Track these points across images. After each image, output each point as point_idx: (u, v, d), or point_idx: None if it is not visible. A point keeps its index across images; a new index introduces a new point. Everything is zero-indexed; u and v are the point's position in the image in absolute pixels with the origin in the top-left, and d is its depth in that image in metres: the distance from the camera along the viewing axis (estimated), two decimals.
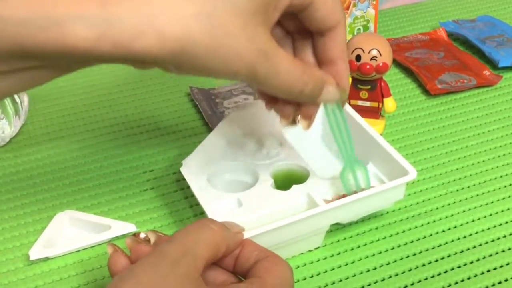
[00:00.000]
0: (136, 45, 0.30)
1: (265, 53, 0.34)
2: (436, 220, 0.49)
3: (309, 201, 0.46)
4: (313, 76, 0.38)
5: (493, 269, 0.45)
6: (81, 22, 0.29)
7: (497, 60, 0.67)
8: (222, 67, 0.33)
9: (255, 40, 0.33)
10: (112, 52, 0.30)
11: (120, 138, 0.58)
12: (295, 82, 0.37)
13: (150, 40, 0.30)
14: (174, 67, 0.33)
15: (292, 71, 0.36)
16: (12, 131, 0.57)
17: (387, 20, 0.77)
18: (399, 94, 0.64)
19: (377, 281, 0.44)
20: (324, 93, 0.39)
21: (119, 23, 0.30)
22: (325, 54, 0.40)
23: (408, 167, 0.45)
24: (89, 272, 0.45)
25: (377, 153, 0.48)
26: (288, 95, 0.38)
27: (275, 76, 0.35)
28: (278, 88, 0.37)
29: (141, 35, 0.30)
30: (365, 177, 0.46)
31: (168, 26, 0.30)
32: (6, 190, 0.53)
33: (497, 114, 0.61)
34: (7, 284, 0.44)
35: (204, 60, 0.32)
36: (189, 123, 0.60)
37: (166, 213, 0.50)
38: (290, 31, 0.41)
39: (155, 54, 0.31)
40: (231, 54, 0.33)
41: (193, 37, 0.31)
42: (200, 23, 0.31)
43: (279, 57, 0.35)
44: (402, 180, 0.44)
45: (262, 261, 0.35)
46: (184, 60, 0.32)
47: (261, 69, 0.34)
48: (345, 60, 0.40)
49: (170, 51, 0.31)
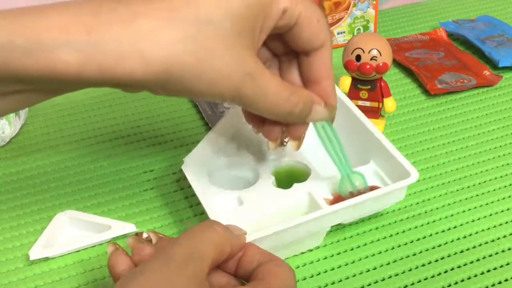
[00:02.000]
0: (120, 69, 0.31)
1: (252, 75, 0.34)
2: (436, 220, 0.49)
3: (310, 200, 0.46)
4: (302, 97, 0.39)
5: (493, 269, 0.45)
6: (67, 48, 0.30)
7: (497, 60, 0.67)
8: (208, 89, 0.34)
9: (241, 62, 0.34)
10: (98, 77, 0.31)
11: (120, 138, 0.58)
12: (283, 104, 0.37)
13: (134, 64, 0.31)
14: (161, 89, 0.34)
15: (280, 92, 0.37)
16: (12, 131, 0.57)
17: (387, 20, 0.77)
18: (399, 94, 0.64)
19: (377, 281, 0.44)
20: (313, 112, 0.40)
21: (103, 48, 0.30)
22: (311, 74, 0.40)
23: (410, 169, 0.45)
24: (89, 272, 0.45)
25: (378, 152, 0.48)
26: (277, 117, 0.39)
27: (263, 98, 0.36)
28: (267, 110, 0.37)
29: (124, 58, 0.31)
30: (363, 185, 0.46)
31: (152, 50, 0.31)
32: (6, 190, 0.53)
33: (497, 114, 0.61)
34: (7, 284, 0.44)
35: (190, 82, 0.33)
36: (189, 123, 0.60)
37: (166, 213, 0.50)
38: (276, 53, 0.41)
39: (139, 78, 0.31)
40: (217, 76, 0.33)
41: (178, 59, 0.32)
42: (185, 46, 0.32)
43: (266, 79, 0.36)
44: (404, 182, 0.44)
45: (265, 264, 0.35)
46: (170, 83, 0.33)
47: (248, 91, 0.35)
48: (331, 79, 0.41)
49: (154, 74, 0.32)
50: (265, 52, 0.41)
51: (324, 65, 0.40)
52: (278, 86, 0.37)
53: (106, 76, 0.31)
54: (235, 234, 0.36)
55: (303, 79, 0.41)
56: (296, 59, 0.41)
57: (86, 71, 0.31)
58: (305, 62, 0.40)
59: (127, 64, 0.31)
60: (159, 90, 0.34)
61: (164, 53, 0.31)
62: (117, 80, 0.31)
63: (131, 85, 0.33)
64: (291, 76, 0.41)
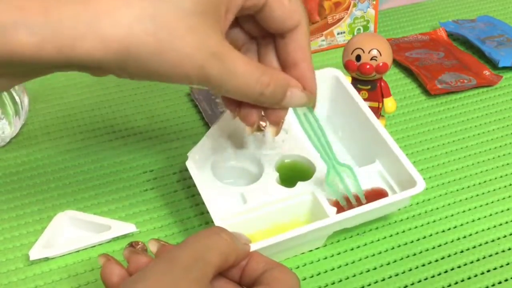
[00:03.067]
0: (78, 49, 0.30)
1: (217, 55, 0.34)
2: (436, 220, 0.49)
3: (313, 200, 0.46)
4: (274, 77, 0.37)
5: (493, 269, 0.45)
6: (24, 29, 0.29)
7: (497, 60, 0.67)
8: (171, 70, 0.33)
9: (205, 42, 0.33)
10: (56, 57, 0.30)
11: (120, 138, 0.58)
12: (253, 84, 0.36)
13: (92, 44, 0.30)
14: (122, 71, 0.33)
15: (249, 72, 0.36)
16: (12, 131, 0.57)
17: (387, 20, 0.77)
18: (399, 94, 0.64)
19: (377, 281, 0.44)
20: (288, 96, 0.39)
21: (60, 28, 0.30)
22: (287, 56, 0.39)
23: (417, 177, 0.45)
24: (89, 272, 0.45)
25: (385, 153, 0.47)
26: (247, 98, 0.38)
27: (231, 78, 0.35)
28: (236, 90, 0.36)
29: (82, 38, 0.30)
30: (353, 179, 0.45)
31: (110, 29, 0.31)
32: (6, 190, 0.53)
33: (497, 114, 0.61)
34: (7, 284, 0.44)
35: (151, 63, 0.32)
36: (189, 123, 0.60)
37: (166, 213, 0.50)
38: (253, 35, 0.41)
39: (98, 58, 0.31)
40: (179, 57, 0.32)
41: (136, 39, 0.31)
42: (143, 25, 0.31)
43: (233, 58, 0.35)
44: (411, 192, 0.44)
45: (270, 271, 0.34)
46: (130, 63, 0.32)
47: (214, 71, 0.34)
48: (308, 63, 0.39)
49: (114, 54, 0.31)
50: (241, 35, 0.40)
51: (300, 46, 0.39)
52: (247, 65, 0.36)
53: (65, 56, 0.30)
54: (241, 242, 0.36)
55: (281, 63, 0.40)
56: (273, 42, 0.40)
57: (43, 52, 0.30)
58: (281, 44, 0.39)
59: (84, 44, 0.30)
60: (121, 72, 0.33)
61: (122, 32, 0.31)
62: (77, 61, 0.31)
63: (91, 67, 0.32)
64: (269, 59, 0.40)
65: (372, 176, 0.47)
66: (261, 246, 0.40)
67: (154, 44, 0.31)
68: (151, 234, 0.48)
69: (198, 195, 0.47)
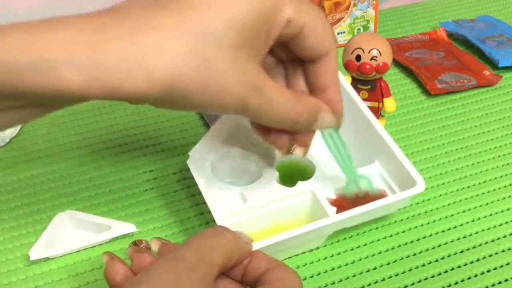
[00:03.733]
0: (125, 87, 0.30)
1: (256, 87, 0.34)
2: (436, 220, 0.49)
3: (313, 199, 0.46)
4: (308, 105, 0.38)
5: (493, 269, 0.45)
6: (71, 66, 0.29)
7: (497, 60, 0.67)
8: (213, 102, 0.33)
9: (245, 74, 0.34)
10: (102, 94, 0.31)
11: (120, 138, 0.58)
12: (289, 113, 0.37)
13: (139, 81, 0.30)
14: (164, 104, 0.33)
15: (285, 102, 0.37)
16: (12, 131, 0.57)
17: (387, 20, 0.77)
18: (399, 94, 0.64)
19: (377, 281, 0.44)
20: (319, 120, 0.40)
21: (107, 66, 0.30)
22: (317, 81, 0.40)
23: (417, 177, 0.45)
24: (89, 272, 0.45)
25: (384, 154, 0.47)
26: (283, 126, 0.39)
27: (268, 108, 0.36)
28: (272, 120, 0.37)
29: (129, 76, 0.30)
30: (369, 188, 0.46)
31: (156, 66, 0.31)
32: (6, 191, 0.53)
33: (497, 114, 0.61)
34: (7, 284, 0.44)
35: (195, 96, 0.33)
36: (189, 123, 0.60)
37: (166, 213, 0.50)
38: (282, 60, 0.41)
39: (145, 94, 0.31)
40: (221, 90, 0.33)
41: (182, 74, 0.31)
42: (188, 60, 0.31)
43: (271, 89, 0.35)
44: (411, 192, 0.44)
45: (271, 270, 0.34)
46: (175, 98, 0.32)
47: (252, 103, 0.35)
48: (337, 87, 0.40)
49: (160, 90, 0.31)
50: (271, 59, 0.41)
51: (329, 72, 0.39)
52: (283, 95, 0.37)
53: (111, 93, 0.31)
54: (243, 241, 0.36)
55: (309, 87, 0.41)
56: (302, 67, 0.40)
57: (90, 89, 0.30)
58: (311, 69, 0.40)
59: (132, 82, 0.30)
60: (162, 105, 0.34)
61: (168, 68, 0.31)
62: (123, 97, 0.31)
63: (135, 101, 0.32)
64: (297, 83, 0.41)
65: (372, 177, 0.47)
66: (261, 246, 0.40)
67: (199, 79, 0.32)
68: (151, 234, 0.48)
69: (198, 195, 0.47)
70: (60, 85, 0.29)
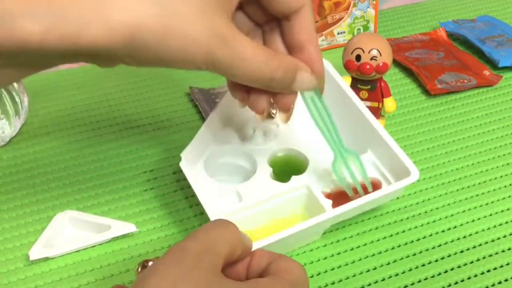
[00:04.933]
0: (85, 36, 0.30)
1: (224, 39, 0.33)
2: (436, 220, 0.49)
3: (308, 194, 0.46)
4: (283, 62, 0.37)
5: (493, 269, 0.45)
6: (28, 17, 0.29)
7: (497, 60, 0.67)
8: (178, 54, 0.32)
9: (212, 25, 0.33)
10: (62, 46, 0.30)
11: (120, 138, 0.58)
12: (263, 68, 0.36)
13: (98, 30, 0.30)
14: (129, 58, 0.33)
15: (258, 56, 0.35)
16: (12, 131, 0.57)
17: (387, 20, 0.77)
18: (399, 94, 0.64)
19: (377, 281, 0.44)
20: (297, 80, 0.38)
21: (65, 16, 0.30)
22: (293, 39, 0.39)
23: (410, 166, 0.45)
24: (89, 272, 0.45)
25: (376, 143, 0.47)
26: (257, 83, 0.37)
27: (239, 62, 0.34)
28: (245, 75, 0.36)
29: (88, 25, 0.30)
30: (359, 167, 0.45)
31: (115, 15, 0.30)
32: (6, 190, 0.53)
33: (497, 114, 0.61)
34: (7, 284, 0.44)
35: (159, 48, 0.32)
36: (189, 123, 0.60)
37: (166, 213, 0.50)
38: (258, 22, 0.40)
39: (104, 45, 0.30)
40: (186, 41, 0.32)
41: (143, 24, 0.31)
42: (149, 9, 0.31)
43: (241, 42, 0.34)
44: (405, 182, 0.44)
45: (275, 261, 0.34)
46: (137, 49, 0.31)
47: (221, 56, 0.33)
48: (315, 45, 0.39)
49: (119, 40, 0.31)
50: (246, 21, 0.40)
51: (305, 28, 0.38)
52: (255, 49, 0.35)
53: (70, 44, 0.30)
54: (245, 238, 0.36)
55: (287, 47, 0.40)
56: (279, 27, 0.40)
57: (49, 40, 0.30)
58: (286, 27, 0.39)
59: (90, 31, 0.30)
60: (128, 60, 0.33)
61: (127, 18, 0.30)
62: (83, 48, 0.30)
63: (98, 55, 0.32)
64: (275, 44, 0.40)
65: (365, 166, 0.47)
66: (260, 245, 0.40)
67: (160, 29, 0.31)
68: (151, 234, 0.48)
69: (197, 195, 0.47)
70: (19, 37, 0.29)
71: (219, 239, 0.33)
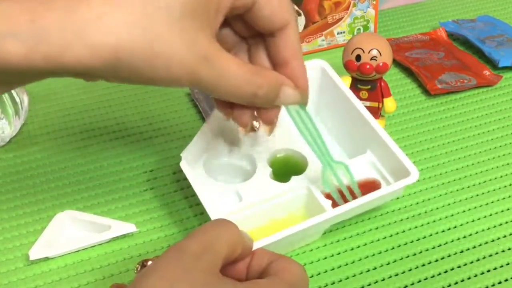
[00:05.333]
0: (67, 57, 0.30)
1: (207, 58, 0.34)
2: (436, 220, 0.49)
3: (308, 193, 0.46)
4: (267, 78, 0.37)
5: (493, 269, 0.45)
6: (12, 38, 0.30)
7: (497, 60, 0.67)
8: (162, 75, 0.33)
9: (195, 45, 0.33)
10: (45, 66, 0.30)
11: (120, 138, 0.58)
12: (245, 86, 0.36)
13: (80, 52, 0.30)
14: (112, 77, 0.33)
15: (241, 74, 0.36)
16: (12, 131, 0.57)
17: (387, 20, 0.77)
18: (399, 94, 0.64)
19: (377, 281, 0.44)
20: (281, 95, 0.39)
21: (47, 37, 0.30)
22: (278, 55, 0.39)
23: (409, 166, 0.45)
24: (89, 272, 0.45)
25: (375, 143, 0.47)
26: (240, 100, 0.38)
27: (223, 80, 0.35)
28: (228, 93, 0.36)
29: (69, 46, 0.30)
30: (347, 175, 0.45)
31: (98, 36, 0.30)
32: (6, 190, 0.53)
33: (497, 114, 0.61)
34: (7, 284, 0.44)
35: (143, 69, 0.32)
36: (189, 123, 0.60)
37: (166, 213, 0.50)
38: (243, 36, 0.41)
39: (87, 65, 0.31)
40: (170, 62, 0.32)
41: (125, 45, 0.31)
42: (132, 31, 0.31)
43: (224, 60, 0.35)
44: (405, 182, 0.44)
45: (275, 261, 0.35)
46: (121, 70, 0.32)
47: (205, 75, 0.34)
48: (299, 60, 0.39)
49: (103, 61, 0.31)
50: (232, 36, 0.40)
51: (290, 45, 0.39)
52: (238, 67, 0.35)
53: (53, 65, 0.30)
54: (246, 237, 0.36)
55: (272, 62, 0.40)
56: (264, 42, 0.40)
57: (31, 61, 0.30)
58: (271, 43, 0.39)
59: (72, 52, 0.30)
60: (111, 78, 0.33)
61: (110, 39, 0.31)
62: (65, 69, 0.31)
63: (81, 73, 0.32)
64: (260, 59, 0.40)
65: (365, 167, 0.47)
66: (260, 244, 0.40)
67: (144, 50, 0.31)
68: (151, 234, 0.48)
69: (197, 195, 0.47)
70: (2, 57, 0.30)
71: (218, 238, 0.33)
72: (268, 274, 0.34)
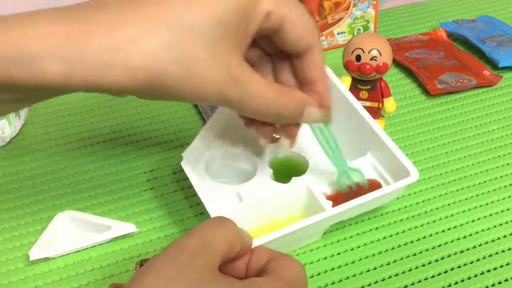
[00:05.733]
0: (105, 79, 0.32)
1: (237, 79, 0.35)
2: (436, 220, 0.49)
3: (308, 194, 0.46)
4: (293, 98, 0.39)
5: (493, 269, 0.45)
6: (54, 58, 0.30)
7: (497, 60, 0.67)
8: (194, 93, 0.34)
9: (226, 67, 0.34)
10: (84, 85, 0.32)
11: (120, 138, 0.58)
12: (271, 106, 0.38)
13: (119, 73, 0.32)
14: (146, 95, 0.34)
15: (268, 94, 0.37)
16: (12, 131, 0.57)
17: (387, 20, 0.77)
18: (399, 94, 0.64)
19: (377, 281, 0.44)
20: (305, 114, 0.40)
21: (88, 58, 0.31)
22: (304, 75, 0.41)
23: (410, 167, 0.45)
24: (89, 272, 0.45)
25: (376, 145, 0.48)
26: (265, 118, 0.39)
27: (250, 100, 0.36)
28: (256, 111, 0.38)
29: (109, 68, 0.31)
30: (361, 181, 0.47)
31: (136, 58, 0.32)
32: (6, 190, 0.53)
33: (497, 114, 0.61)
34: (7, 284, 0.44)
35: (176, 89, 0.34)
36: (189, 123, 0.60)
37: (166, 213, 0.50)
38: (268, 52, 0.42)
39: (125, 86, 0.32)
40: (202, 82, 0.34)
41: (161, 67, 0.32)
42: (168, 54, 0.32)
43: (253, 82, 0.36)
44: (405, 182, 0.44)
45: (274, 259, 0.35)
46: (157, 90, 0.33)
47: (233, 95, 0.35)
48: (324, 80, 0.41)
49: (140, 82, 0.32)
50: (258, 52, 0.41)
51: (315, 67, 0.40)
52: (265, 87, 0.37)
53: (92, 84, 0.32)
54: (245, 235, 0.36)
55: (298, 81, 0.41)
56: (289, 60, 0.41)
57: (71, 80, 0.31)
58: (297, 63, 0.40)
59: (111, 73, 0.32)
60: (144, 96, 0.35)
61: (147, 61, 0.32)
62: (102, 88, 0.32)
63: (115, 92, 0.34)
64: (285, 76, 0.42)
65: (365, 169, 0.47)
66: (260, 242, 0.40)
67: (179, 72, 0.33)
68: (151, 234, 0.48)
69: (197, 195, 0.47)
70: (43, 76, 0.30)
71: (216, 236, 0.33)
72: (267, 271, 0.34)
